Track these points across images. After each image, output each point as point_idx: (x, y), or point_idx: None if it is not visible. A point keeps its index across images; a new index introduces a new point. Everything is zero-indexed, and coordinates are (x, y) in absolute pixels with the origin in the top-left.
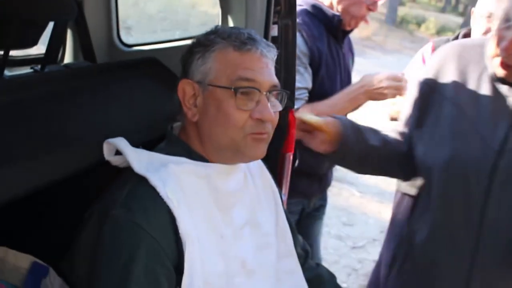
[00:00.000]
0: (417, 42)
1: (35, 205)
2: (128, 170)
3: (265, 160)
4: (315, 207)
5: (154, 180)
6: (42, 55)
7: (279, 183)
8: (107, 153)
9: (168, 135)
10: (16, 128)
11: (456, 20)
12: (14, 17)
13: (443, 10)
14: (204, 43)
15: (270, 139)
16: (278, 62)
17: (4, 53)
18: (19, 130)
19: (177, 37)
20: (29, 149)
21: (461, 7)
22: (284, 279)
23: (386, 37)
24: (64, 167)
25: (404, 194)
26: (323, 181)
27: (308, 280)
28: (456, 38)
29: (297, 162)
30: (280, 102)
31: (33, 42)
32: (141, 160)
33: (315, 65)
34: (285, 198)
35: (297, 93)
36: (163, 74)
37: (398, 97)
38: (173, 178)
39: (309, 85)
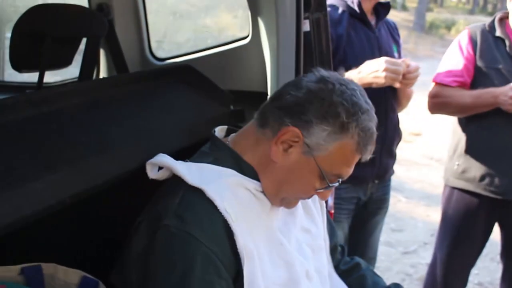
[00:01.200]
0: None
1: (77, 216)
2: (174, 180)
3: None
4: (373, 199)
5: (211, 193)
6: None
7: None
8: (150, 171)
9: (213, 139)
10: (57, 136)
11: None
12: (47, 35)
13: (471, 12)
14: (341, 126)
15: None
16: (312, 56)
17: (39, 74)
18: (60, 138)
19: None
20: (71, 156)
21: (490, 7)
22: (334, 282)
23: (416, 44)
24: (106, 173)
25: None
26: (377, 166)
27: (347, 270)
28: (492, 22)
29: None
30: None
31: (67, 62)
32: (192, 172)
33: (332, 50)
34: (331, 201)
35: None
36: (198, 80)
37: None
38: (229, 191)
39: None
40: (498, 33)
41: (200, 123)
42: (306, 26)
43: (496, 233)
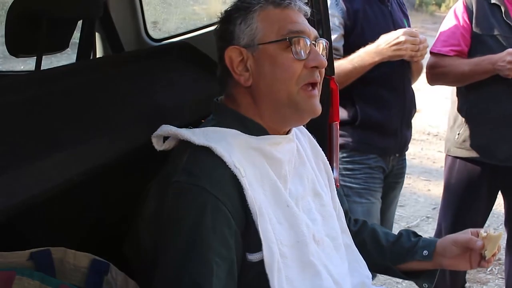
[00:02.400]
0: (439, 22)
1: (84, 196)
2: (179, 147)
3: (312, 132)
4: (393, 173)
5: (220, 150)
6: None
7: (329, 155)
8: (156, 144)
9: (215, 106)
10: (61, 115)
11: None
12: (43, 17)
13: None
14: (242, 7)
15: (319, 94)
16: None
17: (37, 58)
18: (64, 117)
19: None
20: (77, 134)
21: None
22: (353, 255)
23: None
24: (112, 151)
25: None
26: (399, 138)
27: (357, 230)
28: None
29: (358, 117)
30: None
31: (64, 45)
32: (197, 134)
33: (349, 25)
34: (336, 174)
35: None
36: (197, 57)
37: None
38: (237, 149)
39: (334, 45)
40: (493, 0)
41: (201, 99)
42: None
43: (496, 204)
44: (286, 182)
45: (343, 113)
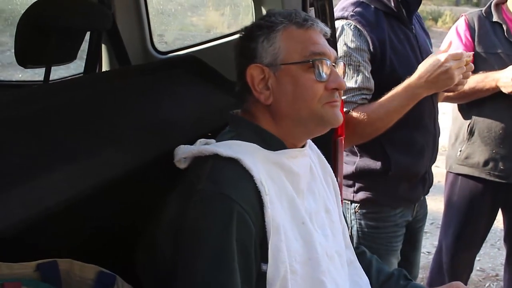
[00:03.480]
0: (436, 37)
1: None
2: (196, 164)
3: (318, 147)
4: (417, 218)
5: (248, 163)
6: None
7: (334, 170)
8: (180, 164)
9: (233, 119)
10: (71, 127)
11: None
12: (52, 28)
13: (457, 3)
14: (266, 26)
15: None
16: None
17: (45, 69)
18: (74, 129)
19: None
20: (87, 147)
21: None
22: (349, 268)
23: None
24: (123, 164)
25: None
26: (427, 181)
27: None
28: (489, 7)
29: (391, 166)
30: None
31: (72, 56)
32: (221, 146)
33: (378, 57)
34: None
35: (348, 94)
36: (204, 70)
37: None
38: (260, 164)
39: (366, 84)
40: (495, 18)
41: (209, 113)
42: (311, 13)
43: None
44: (303, 197)
45: (371, 163)
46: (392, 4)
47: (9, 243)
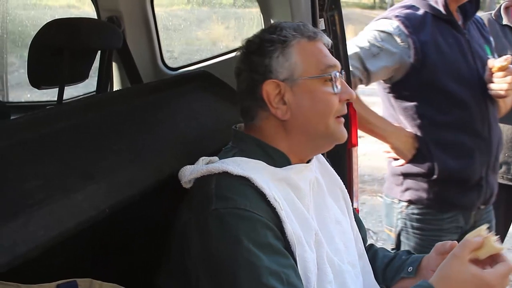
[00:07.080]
0: None
1: (110, 227)
2: (199, 183)
3: (331, 157)
4: (476, 227)
5: (259, 181)
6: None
7: (348, 181)
8: (186, 185)
9: (235, 134)
10: (89, 146)
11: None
12: (65, 48)
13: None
14: (278, 40)
15: None
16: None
17: (59, 89)
18: (92, 149)
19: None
20: (105, 165)
21: None
22: (361, 280)
23: None
24: (142, 181)
25: None
26: (484, 188)
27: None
28: (498, 11)
29: (436, 169)
30: None
31: (85, 76)
32: (230, 164)
33: (418, 57)
34: (356, 204)
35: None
36: (216, 85)
37: None
38: (270, 181)
39: (370, 68)
40: (504, 21)
41: (222, 128)
42: (321, 24)
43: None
44: (309, 212)
45: (417, 164)
46: (442, 9)
47: (29, 264)
